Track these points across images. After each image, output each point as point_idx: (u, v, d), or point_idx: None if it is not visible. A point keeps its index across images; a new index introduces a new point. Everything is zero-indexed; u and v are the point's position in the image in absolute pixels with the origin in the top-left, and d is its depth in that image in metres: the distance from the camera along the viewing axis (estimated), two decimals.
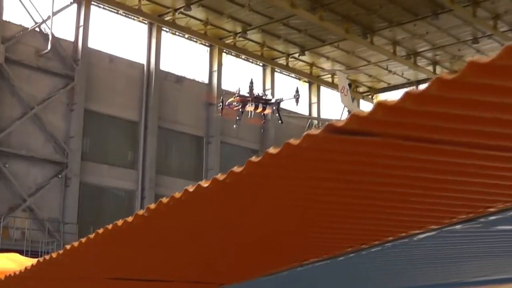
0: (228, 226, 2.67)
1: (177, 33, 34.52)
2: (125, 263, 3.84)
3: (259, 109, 23.29)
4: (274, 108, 23.96)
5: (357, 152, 1.60)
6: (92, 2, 31.04)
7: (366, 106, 43.25)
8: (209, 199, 2.22)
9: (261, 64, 38.60)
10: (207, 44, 35.67)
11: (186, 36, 34.82)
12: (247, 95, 22.78)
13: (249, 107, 22.89)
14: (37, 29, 29.07)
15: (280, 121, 24.51)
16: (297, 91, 24.45)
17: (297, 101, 24.51)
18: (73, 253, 3.34)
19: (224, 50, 36.31)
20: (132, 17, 32.70)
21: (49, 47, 28.78)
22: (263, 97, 23.91)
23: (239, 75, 36.33)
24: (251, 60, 38.04)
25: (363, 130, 1.50)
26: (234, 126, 24.50)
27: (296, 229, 2.65)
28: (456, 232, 2.46)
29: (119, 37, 32.32)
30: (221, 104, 23.41)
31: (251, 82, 23.08)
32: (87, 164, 29.64)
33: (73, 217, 28.52)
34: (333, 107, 41.10)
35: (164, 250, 3.36)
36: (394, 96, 43.01)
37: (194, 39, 35.23)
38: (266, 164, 1.79)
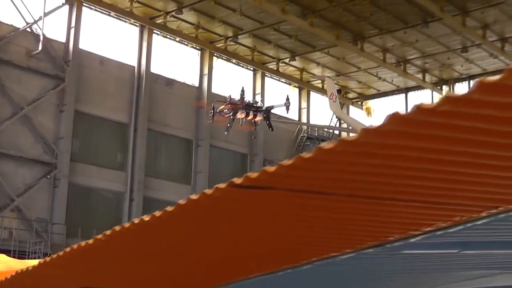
0: (180, 246, 3.09)
1: (168, 36, 34.78)
2: (98, 274, 4.13)
3: (250, 116, 23.57)
4: (264, 115, 24.26)
5: (256, 199, 2.02)
6: (84, 4, 31.24)
7: (355, 112, 43.63)
8: (160, 227, 2.70)
9: (251, 69, 38.91)
10: (198, 47, 35.95)
11: (177, 39, 35.08)
12: (238, 102, 23.02)
13: (240, 115, 23.17)
14: (28, 29, 29.22)
15: (270, 129, 24.90)
16: (287, 98, 24.77)
17: (287, 108, 24.86)
18: (49, 265, 3.63)
19: (215, 54, 36.60)
20: (124, 19, 32.91)
21: (40, 48, 28.94)
22: (254, 105, 24.22)
23: (230, 79, 36.65)
24: (241, 65, 38.33)
25: (257, 185, 1.87)
26: (226, 133, 24.84)
27: (243, 248, 3.05)
28: (370, 254, 2.89)
29: (110, 39, 32.54)
30: (212, 111, 23.67)
31: (242, 90, 23.37)
32: (76, 165, 29.80)
33: (61, 218, 28.68)
34: (322, 112, 41.46)
35: (133, 263, 3.67)
36: (383, 102, 43.47)
37: (185, 43, 35.51)
38: (202, 203, 2.25)
